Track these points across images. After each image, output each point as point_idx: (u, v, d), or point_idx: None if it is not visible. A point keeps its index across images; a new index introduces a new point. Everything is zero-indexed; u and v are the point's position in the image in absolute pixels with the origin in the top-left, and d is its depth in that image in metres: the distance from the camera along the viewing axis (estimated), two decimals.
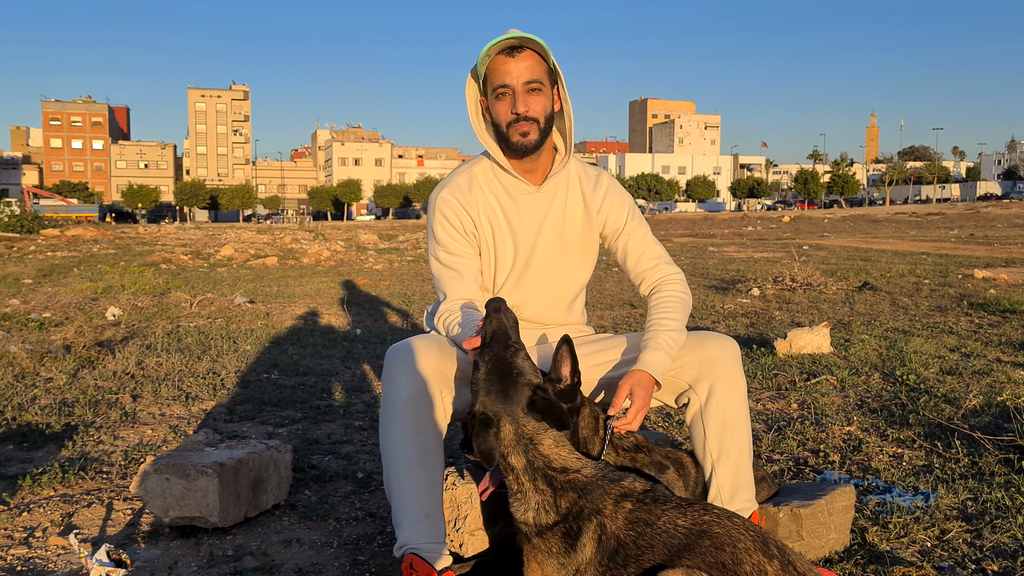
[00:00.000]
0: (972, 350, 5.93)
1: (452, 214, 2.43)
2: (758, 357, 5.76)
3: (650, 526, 1.84)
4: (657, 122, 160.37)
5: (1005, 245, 21.54)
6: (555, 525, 1.93)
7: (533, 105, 2.33)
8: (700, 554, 1.77)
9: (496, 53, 2.32)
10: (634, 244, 2.56)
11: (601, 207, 2.54)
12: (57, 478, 3.21)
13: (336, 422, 4.23)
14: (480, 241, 2.46)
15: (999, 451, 3.47)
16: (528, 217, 2.48)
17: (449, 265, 2.42)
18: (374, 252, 20.97)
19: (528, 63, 2.31)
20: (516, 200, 2.47)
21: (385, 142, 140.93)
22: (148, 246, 23.72)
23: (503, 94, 2.33)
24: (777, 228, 40.16)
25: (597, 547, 1.87)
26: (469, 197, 2.45)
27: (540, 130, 2.36)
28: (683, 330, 2.41)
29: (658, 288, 2.51)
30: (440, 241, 2.43)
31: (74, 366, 5.39)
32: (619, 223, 2.55)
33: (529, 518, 1.97)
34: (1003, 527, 2.71)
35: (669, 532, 1.82)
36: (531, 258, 2.49)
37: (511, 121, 2.34)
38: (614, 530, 1.87)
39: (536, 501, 1.96)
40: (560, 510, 1.94)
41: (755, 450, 3.53)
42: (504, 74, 2.31)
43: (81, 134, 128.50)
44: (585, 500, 1.92)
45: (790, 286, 10.32)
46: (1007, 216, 45.59)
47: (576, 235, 2.54)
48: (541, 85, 2.34)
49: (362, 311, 9.07)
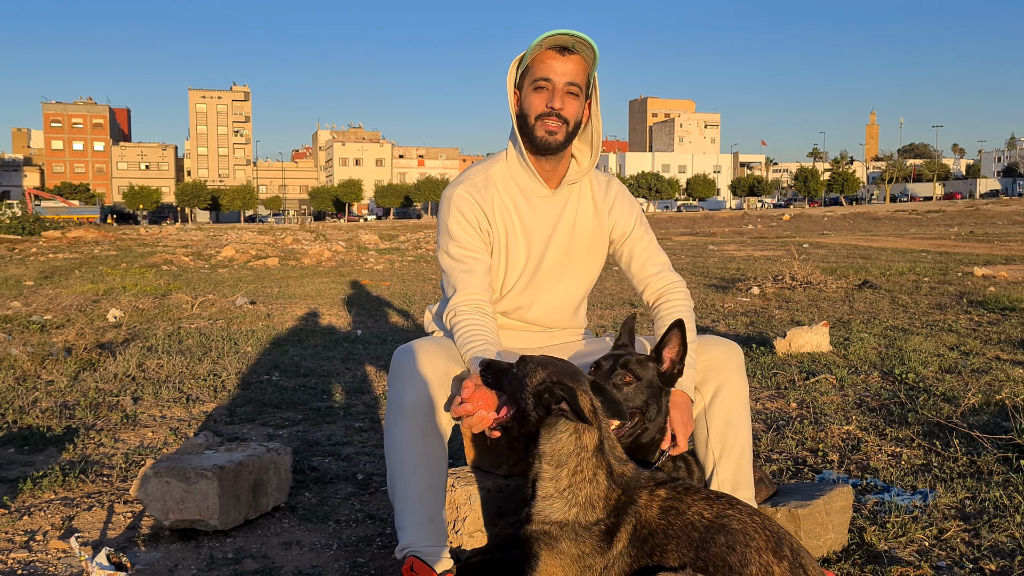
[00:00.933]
0: (971, 348, 5.93)
1: (468, 209, 2.43)
2: (758, 356, 5.77)
3: (681, 515, 1.87)
4: (657, 121, 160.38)
5: (1005, 243, 21.54)
6: (597, 523, 1.90)
7: (568, 106, 2.34)
8: (711, 553, 1.80)
9: (548, 47, 2.33)
10: (639, 250, 2.59)
11: (611, 211, 2.57)
12: (58, 481, 3.22)
13: (336, 424, 4.24)
14: (493, 241, 2.46)
15: (997, 450, 3.48)
16: (542, 220, 2.49)
17: (460, 259, 2.41)
18: (375, 252, 20.99)
19: (574, 66, 2.33)
20: (531, 202, 2.48)
21: (386, 142, 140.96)
22: (149, 247, 23.75)
23: (543, 87, 2.34)
24: (777, 226, 40.17)
25: (630, 539, 1.88)
26: (485, 195, 2.45)
27: (568, 133, 2.37)
28: (695, 339, 2.44)
29: (664, 298, 2.54)
30: (453, 236, 2.43)
31: (75, 368, 5.41)
32: (627, 228, 2.58)
33: (569, 516, 1.91)
34: (1001, 526, 2.72)
35: (693, 523, 1.85)
36: (542, 261, 2.50)
37: (543, 114, 2.34)
38: (647, 518, 1.89)
39: (586, 495, 1.92)
40: (608, 505, 1.92)
41: (754, 450, 3.53)
42: (549, 69, 2.32)
43: (82, 136, 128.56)
44: (626, 495, 1.93)
45: (790, 284, 10.33)
46: (1007, 213, 45.56)
47: (585, 240, 2.55)
48: (579, 91, 2.35)
49: (363, 312, 9.09)
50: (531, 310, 2.54)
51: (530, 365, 1.99)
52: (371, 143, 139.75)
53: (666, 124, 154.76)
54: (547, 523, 1.92)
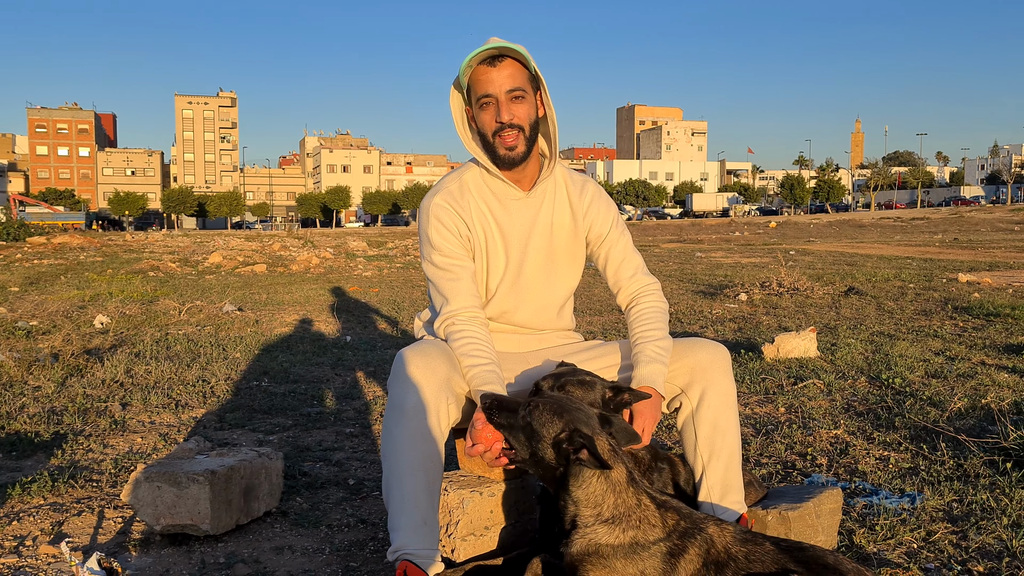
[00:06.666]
0: (957, 353, 5.98)
1: (447, 218, 2.45)
2: (746, 362, 5.79)
3: (759, 544, 1.92)
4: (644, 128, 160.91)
5: (988, 249, 21.71)
6: (658, 542, 1.90)
7: (517, 112, 2.35)
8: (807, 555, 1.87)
9: (478, 63, 2.34)
10: (616, 252, 2.60)
11: (587, 213, 2.57)
12: (47, 487, 3.20)
13: (327, 429, 4.23)
14: (473, 246, 2.48)
15: (984, 453, 3.51)
16: (518, 223, 2.50)
17: (446, 268, 2.43)
18: (363, 259, 20.96)
19: (509, 71, 2.34)
20: (506, 206, 2.49)
21: (374, 149, 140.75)
22: (136, 253, 23.63)
23: (487, 104, 2.36)
24: (764, 233, 40.34)
25: (703, 563, 1.88)
26: (462, 202, 2.47)
27: (526, 138, 2.39)
28: (668, 337, 2.45)
29: (636, 300, 2.56)
30: (435, 245, 2.44)
31: (62, 374, 5.38)
32: (603, 230, 2.58)
33: (627, 538, 1.90)
34: (988, 528, 2.75)
35: (777, 546, 1.92)
36: (523, 264, 2.51)
37: (496, 130, 2.36)
38: (723, 545, 1.91)
39: (639, 517, 1.92)
40: (667, 526, 1.92)
41: (744, 454, 3.56)
42: (487, 83, 2.33)
43: (67, 141, 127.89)
44: (686, 520, 1.94)
45: (777, 291, 10.38)
46: (990, 220, 45.91)
47: (564, 241, 2.56)
48: (524, 93, 2.36)
49: (352, 318, 9.08)
50: (518, 313, 2.56)
51: (544, 414, 1.98)
52: (359, 150, 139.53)
53: (653, 132, 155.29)
54: (595, 544, 1.90)
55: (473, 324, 2.36)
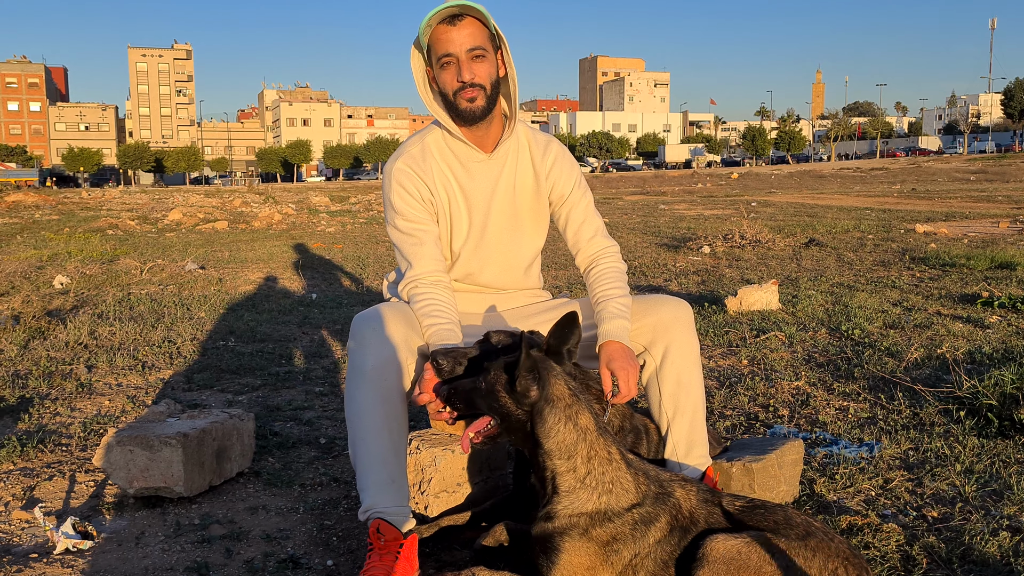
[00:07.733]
0: (914, 304, 6.12)
1: (409, 182, 2.46)
2: (710, 315, 5.89)
3: (719, 506, 1.96)
4: (607, 80, 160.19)
5: (945, 199, 22.06)
6: (631, 509, 1.91)
7: (478, 71, 2.35)
8: (768, 520, 1.92)
9: (437, 23, 2.33)
10: (576, 214, 2.61)
11: (549, 173, 2.58)
12: (16, 452, 3.19)
13: (296, 388, 4.25)
14: (436, 209, 2.49)
15: (939, 402, 3.63)
16: (481, 184, 2.51)
17: (409, 232, 2.45)
18: (326, 215, 20.77)
19: (469, 30, 2.33)
20: (468, 168, 2.50)
21: (334, 102, 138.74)
22: (93, 211, 23.18)
23: (448, 63, 2.35)
24: (726, 185, 40.57)
25: (671, 529, 1.91)
26: (424, 166, 2.47)
27: (487, 96, 2.39)
28: (628, 295, 2.48)
29: (595, 262, 2.58)
30: (398, 210, 2.46)
31: (24, 337, 5.31)
32: (565, 190, 2.60)
33: (601, 504, 1.90)
34: (942, 475, 2.86)
35: (737, 508, 1.96)
36: (486, 225, 2.53)
37: (457, 89, 2.36)
38: (689, 508, 1.94)
39: (611, 477, 1.92)
40: (640, 491, 1.93)
41: (708, 407, 3.64)
42: (447, 43, 2.33)
43: (17, 96, 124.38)
44: (655, 485, 1.96)
45: (739, 243, 10.50)
46: (947, 170, 46.56)
47: (527, 201, 2.58)
48: (484, 52, 2.35)
49: (316, 275, 9.04)
50: (482, 274, 2.58)
51: (493, 372, 2.00)
52: (319, 103, 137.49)
53: (616, 83, 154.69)
54: (576, 515, 1.91)
55: (436, 288, 2.38)
